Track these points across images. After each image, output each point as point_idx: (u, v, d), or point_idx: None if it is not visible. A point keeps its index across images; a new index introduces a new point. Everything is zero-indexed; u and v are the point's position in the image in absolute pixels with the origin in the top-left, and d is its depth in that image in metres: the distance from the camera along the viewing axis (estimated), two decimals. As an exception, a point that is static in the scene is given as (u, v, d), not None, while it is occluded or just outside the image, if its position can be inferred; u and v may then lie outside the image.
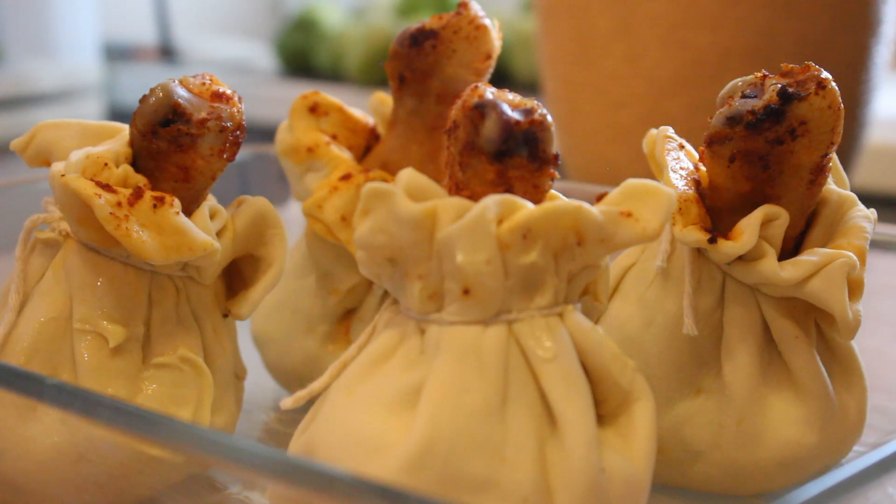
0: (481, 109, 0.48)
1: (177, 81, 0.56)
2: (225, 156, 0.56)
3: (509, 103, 0.48)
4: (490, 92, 0.48)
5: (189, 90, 0.56)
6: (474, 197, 0.47)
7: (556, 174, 0.49)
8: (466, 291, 0.46)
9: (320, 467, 0.43)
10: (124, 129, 0.58)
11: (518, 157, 0.48)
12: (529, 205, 0.47)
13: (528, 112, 0.48)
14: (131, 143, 0.57)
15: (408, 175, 0.48)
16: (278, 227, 0.59)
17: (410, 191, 0.47)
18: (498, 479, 0.45)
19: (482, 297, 0.46)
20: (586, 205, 0.47)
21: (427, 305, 0.48)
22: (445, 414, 0.45)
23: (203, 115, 0.55)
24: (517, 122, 0.47)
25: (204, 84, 0.57)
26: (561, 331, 0.47)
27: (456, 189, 0.49)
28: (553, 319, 0.47)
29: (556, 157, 0.49)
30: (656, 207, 0.47)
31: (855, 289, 0.54)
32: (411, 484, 0.45)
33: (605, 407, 0.49)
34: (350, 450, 0.47)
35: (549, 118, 0.48)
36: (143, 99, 0.56)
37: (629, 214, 0.47)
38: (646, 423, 0.48)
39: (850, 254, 0.54)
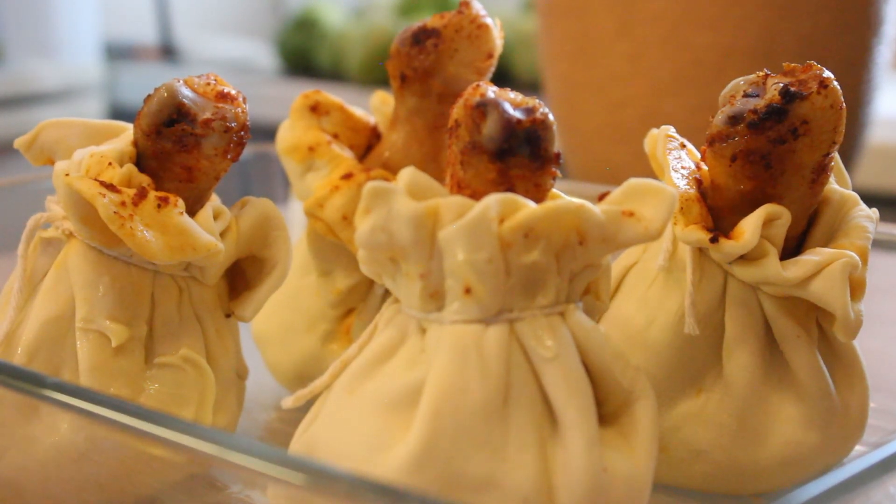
0: (483, 108, 0.47)
1: (181, 81, 0.56)
2: (229, 156, 0.56)
3: (511, 102, 0.48)
4: (492, 91, 0.48)
5: (194, 90, 0.56)
6: (476, 196, 0.47)
7: (558, 173, 0.49)
8: (468, 290, 0.46)
9: (321, 466, 0.43)
10: (128, 128, 0.58)
11: (520, 155, 0.47)
12: (531, 204, 0.46)
13: (530, 111, 0.48)
14: (135, 143, 0.56)
15: (409, 174, 0.48)
16: (282, 228, 0.59)
17: (412, 190, 0.47)
18: (499, 478, 0.45)
19: (483, 297, 0.46)
20: (588, 204, 0.46)
21: (428, 304, 0.47)
22: (446, 413, 0.45)
23: (207, 115, 0.55)
24: (519, 121, 0.47)
25: (209, 84, 0.56)
26: (562, 330, 0.47)
27: (457, 188, 0.49)
28: (555, 319, 0.47)
29: (558, 155, 0.49)
30: (658, 207, 0.46)
31: (856, 289, 0.54)
32: (412, 483, 0.45)
33: (607, 406, 0.49)
34: (351, 449, 0.47)
35: (551, 117, 0.48)
36: (148, 99, 0.56)
37: (631, 214, 0.47)
38: (647, 423, 0.48)
39: (852, 254, 0.54)
